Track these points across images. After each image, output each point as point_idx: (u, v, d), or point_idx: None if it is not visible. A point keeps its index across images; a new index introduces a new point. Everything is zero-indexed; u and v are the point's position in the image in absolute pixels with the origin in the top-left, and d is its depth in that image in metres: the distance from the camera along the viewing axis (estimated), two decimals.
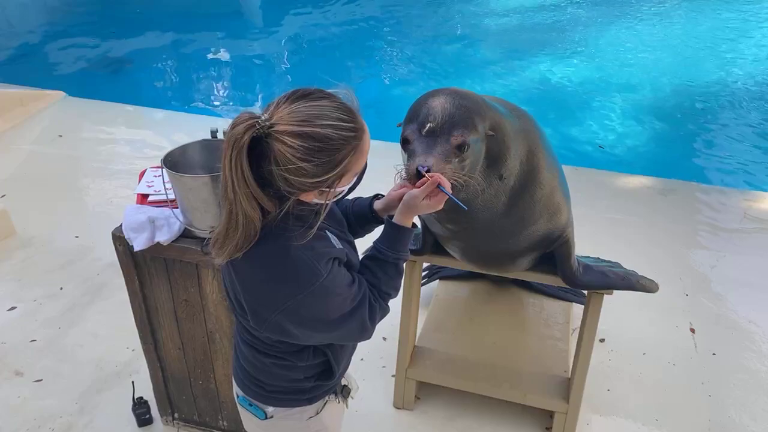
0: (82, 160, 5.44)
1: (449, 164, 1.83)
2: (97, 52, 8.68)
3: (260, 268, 1.51)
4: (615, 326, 3.43)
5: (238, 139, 1.35)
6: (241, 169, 1.37)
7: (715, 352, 3.39)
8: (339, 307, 1.56)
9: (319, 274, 1.49)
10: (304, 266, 1.49)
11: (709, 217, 4.63)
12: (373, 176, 2.14)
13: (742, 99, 7.21)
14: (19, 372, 3.26)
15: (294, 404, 1.79)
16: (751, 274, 4.00)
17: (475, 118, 1.91)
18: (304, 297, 1.50)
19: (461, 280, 3.50)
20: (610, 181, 5.10)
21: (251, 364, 1.77)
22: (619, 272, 2.58)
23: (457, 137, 1.85)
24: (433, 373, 2.96)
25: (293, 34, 9.65)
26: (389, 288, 1.70)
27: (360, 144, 1.46)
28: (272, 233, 1.49)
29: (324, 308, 1.54)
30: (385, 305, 1.69)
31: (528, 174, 2.16)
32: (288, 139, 1.37)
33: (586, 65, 8.23)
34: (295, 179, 1.40)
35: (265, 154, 1.39)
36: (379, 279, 1.67)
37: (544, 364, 3.00)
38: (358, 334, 1.65)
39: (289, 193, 1.45)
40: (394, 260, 1.69)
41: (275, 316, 1.54)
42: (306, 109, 1.40)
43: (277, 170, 1.39)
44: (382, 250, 1.69)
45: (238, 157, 1.37)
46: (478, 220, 2.17)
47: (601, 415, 3.00)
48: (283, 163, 1.38)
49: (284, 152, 1.37)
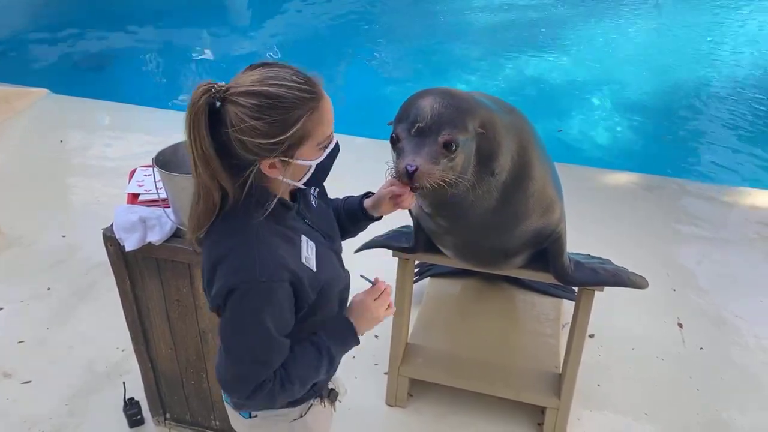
0: (68, 158, 5.39)
1: (437, 164, 1.84)
2: (81, 49, 8.58)
3: (213, 245, 1.50)
4: (604, 322, 3.46)
5: (194, 103, 1.37)
6: (199, 136, 1.39)
7: (703, 346, 3.43)
8: (242, 338, 1.46)
9: (257, 273, 1.42)
10: (248, 257, 1.44)
11: (694, 213, 4.68)
12: (366, 174, 2.17)
13: (725, 96, 7.30)
14: (7, 374, 3.23)
15: (278, 406, 1.72)
16: (736, 268, 4.05)
17: (464, 117, 1.92)
18: (237, 290, 1.43)
19: (452, 277, 3.51)
20: (595, 178, 5.14)
21: None
22: (609, 269, 2.61)
23: (444, 136, 1.86)
24: (425, 370, 2.98)
25: (280, 31, 9.61)
26: (297, 375, 1.55)
27: (318, 107, 1.43)
28: (234, 213, 1.48)
29: (241, 317, 1.45)
30: (278, 393, 1.53)
31: (520, 169, 2.17)
32: (241, 99, 1.38)
33: (570, 63, 8.28)
34: (249, 140, 1.39)
35: (222, 120, 1.40)
36: (295, 360, 1.55)
37: (535, 361, 3.03)
38: (232, 385, 1.52)
39: (250, 162, 1.43)
40: (326, 349, 1.60)
41: (212, 296, 1.49)
42: (262, 72, 1.42)
43: (232, 132, 1.38)
44: (319, 335, 1.61)
45: (196, 122, 1.38)
46: (471, 216, 2.18)
47: (591, 410, 3.03)
48: (236, 123, 1.38)
49: (237, 112, 1.38)
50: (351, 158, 2.32)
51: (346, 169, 2.02)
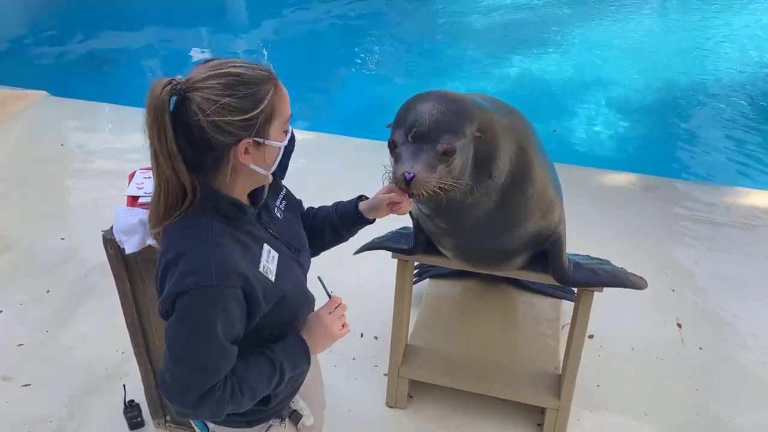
0: (66, 160, 5.38)
1: (434, 172, 1.83)
2: (79, 51, 8.57)
3: (168, 246, 1.47)
4: (603, 322, 3.46)
5: (156, 97, 1.36)
6: (163, 131, 1.38)
7: (702, 346, 3.44)
8: (189, 343, 1.41)
9: (209, 277, 1.38)
10: (201, 259, 1.40)
11: (692, 213, 4.69)
12: (364, 175, 2.16)
13: (723, 96, 7.31)
14: (7, 377, 3.22)
15: (232, 425, 1.70)
16: (735, 268, 4.06)
17: (462, 122, 1.91)
18: (195, 291, 1.38)
19: (452, 278, 3.51)
20: (593, 178, 5.14)
21: None
22: (608, 269, 2.62)
23: (443, 144, 1.85)
24: (425, 371, 2.98)
25: (278, 33, 9.61)
26: (249, 385, 1.50)
27: (278, 85, 1.47)
28: (192, 214, 1.47)
29: (189, 321, 1.41)
30: (227, 402, 1.47)
31: (520, 171, 2.17)
32: (206, 83, 1.38)
33: (569, 63, 8.29)
34: (224, 120, 1.38)
35: (189, 112, 1.38)
36: (248, 370, 1.51)
37: (535, 361, 3.03)
38: (176, 393, 1.44)
39: (227, 145, 1.42)
40: (279, 364, 1.55)
41: (161, 299, 1.44)
42: (215, 62, 1.44)
43: (204, 118, 1.37)
44: (273, 348, 1.57)
45: (159, 116, 1.37)
46: (471, 218, 2.18)
47: (591, 411, 3.03)
48: (207, 107, 1.37)
49: (205, 96, 1.37)
50: (350, 159, 2.32)
51: (346, 170, 2.02)
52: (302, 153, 5.50)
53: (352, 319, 3.65)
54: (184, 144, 1.42)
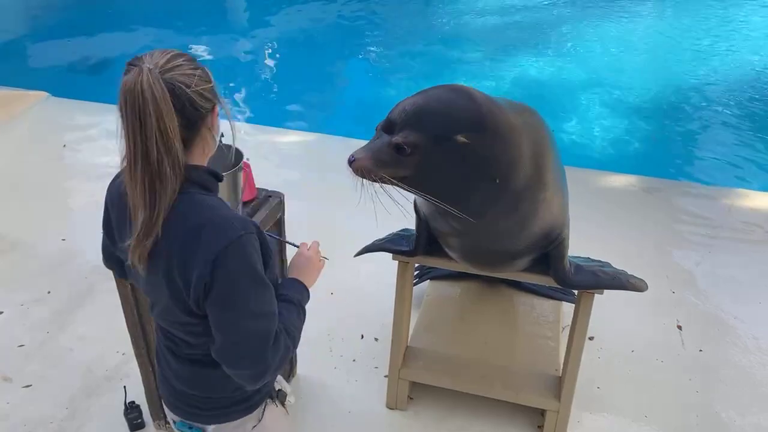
0: (67, 161, 5.39)
1: (382, 164, 1.84)
2: (80, 52, 8.56)
3: (184, 217, 1.45)
4: (603, 324, 3.46)
5: (149, 88, 1.34)
6: (170, 117, 1.37)
7: (702, 348, 3.44)
8: (250, 294, 1.45)
9: (236, 230, 1.44)
10: (227, 214, 1.49)
11: (693, 215, 4.69)
12: None
13: (724, 97, 7.31)
14: (7, 378, 3.23)
15: (235, 416, 1.72)
16: (735, 270, 4.06)
17: (435, 124, 1.87)
18: (233, 244, 1.42)
19: (452, 280, 3.52)
20: (594, 180, 5.14)
21: (192, 383, 1.69)
22: (609, 272, 2.62)
23: (397, 138, 1.85)
24: (425, 373, 2.98)
25: (278, 33, 9.60)
26: (293, 325, 1.60)
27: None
28: (182, 197, 1.46)
29: (238, 274, 1.43)
30: (289, 347, 1.55)
31: (533, 175, 2.12)
32: (173, 63, 1.42)
33: (570, 64, 8.29)
34: (203, 89, 1.45)
35: (177, 90, 1.40)
36: (282, 312, 1.57)
37: (535, 363, 3.04)
38: (250, 349, 1.46)
39: (207, 113, 1.48)
40: (297, 301, 1.66)
41: (205, 270, 1.42)
42: (161, 49, 1.47)
43: (192, 91, 1.41)
44: (282, 291, 1.65)
45: (161, 105, 1.35)
46: (483, 221, 2.16)
47: (591, 413, 3.04)
48: (188, 81, 1.41)
49: (182, 73, 1.41)
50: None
51: (345, 172, 2.03)
52: (302, 154, 5.54)
53: (353, 320, 3.68)
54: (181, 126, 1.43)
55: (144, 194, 1.41)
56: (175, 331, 1.63)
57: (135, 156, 1.39)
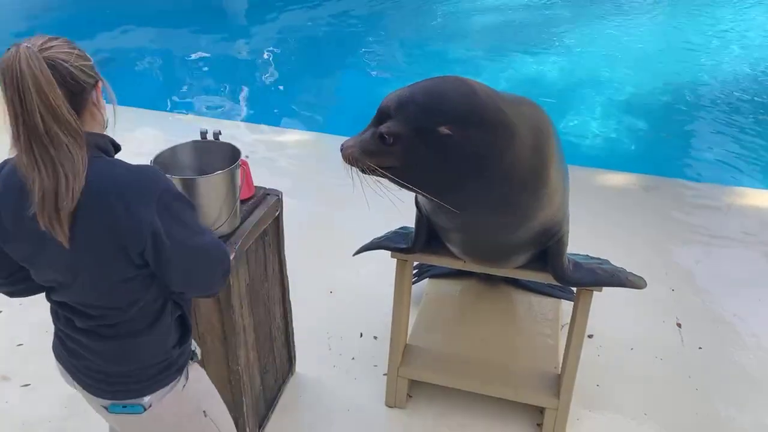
0: None
1: (369, 152, 1.91)
2: None
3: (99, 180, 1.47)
4: (603, 322, 3.47)
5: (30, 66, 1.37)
6: (54, 91, 1.40)
7: (702, 345, 3.44)
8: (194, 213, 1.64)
9: (151, 169, 1.59)
10: (136, 165, 1.57)
11: (692, 213, 4.69)
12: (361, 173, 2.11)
13: (724, 96, 7.31)
14: (6, 377, 3.22)
15: (167, 381, 1.76)
16: (734, 268, 4.06)
17: (421, 116, 1.87)
18: (160, 183, 1.53)
19: (451, 278, 3.52)
20: (593, 178, 5.14)
21: (121, 359, 1.69)
22: (608, 269, 2.61)
23: (382, 128, 1.89)
24: (424, 371, 2.98)
25: (278, 33, 9.61)
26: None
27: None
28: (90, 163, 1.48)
29: (179, 195, 1.58)
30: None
31: (532, 169, 2.08)
32: (50, 44, 1.45)
33: (568, 63, 8.29)
34: (83, 65, 1.50)
35: (58, 66, 1.43)
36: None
37: (534, 361, 3.03)
38: (223, 252, 1.67)
39: (91, 88, 1.54)
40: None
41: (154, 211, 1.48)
42: (39, 35, 1.50)
43: (70, 65, 1.45)
44: None
45: (44, 81, 1.38)
46: (481, 215, 2.16)
47: (591, 410, 3.03)
48: (68, 57, 1.46)
49: (61, 51, 1.45)
50: None
51: (342, 170, 2.03)
52: (301, 153, 5.53)
53: (352, 318, 3.67)
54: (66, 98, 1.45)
55: (39, 165, 1.41)
56: (98, 308, 1.62)
57: (21, 130, 1.41)
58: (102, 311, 1.63)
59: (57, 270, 1.58)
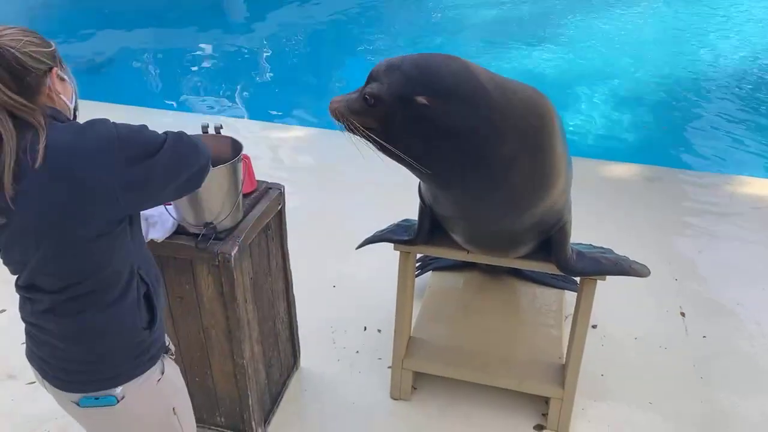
0: None
1: (351, 110, 2.00)
2: (78, 51, 8.57)
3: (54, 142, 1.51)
4: (606, 312, 3.47)
5: None
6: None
7: (705, 334, 3.44)
8: (155, 135, 1.65)
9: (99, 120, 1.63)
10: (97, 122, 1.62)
11: (694, 203, 4.69)
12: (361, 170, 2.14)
13: (726, 86, 7.30)
14: (11, 375, 3.23)
15: (140, 370, 1.73)
16: (737, 257, 4.06)
17: (402, 83, 1.94)
18: (121, 134, 1.59)
19: (454, 270, 3.52)
20: (596, 169, 5.14)
21: (84, 338, 1.67)
22: (611, 258, 2.61)
23: (366, 89, 1.99)
24: (428, 363, 2.98)
25: (276, 29, 9.61)
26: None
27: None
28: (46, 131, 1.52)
29: (143, 136, 1.63)
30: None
31: (523, 152, 2.06)
32: (6, 32, 1.51)
33: (570, 55, 8.28)
34: (34, 51, 1.53)
35: (5, 53, 1.47)
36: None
37: (538, 351, 3.03)
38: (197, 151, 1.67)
39: (43, 73, 1.55)
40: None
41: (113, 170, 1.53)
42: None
43: (19, 52, 1.48)
44: None
45: None
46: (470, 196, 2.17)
47: (595, 400, 3.03)
48: (16, 44, 1.49)
49: (10, 38, 1.49)
50: (349, 153, 2.32)
51: (344, 165, 2.03)
52: (303, 147, 5.53)
53: (356, 312, 3.68)
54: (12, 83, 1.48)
55: None
56: (62, 277, 1.60)
57: None
58: (66, 281, 1.60)
59: (21, 243, 1.56)
